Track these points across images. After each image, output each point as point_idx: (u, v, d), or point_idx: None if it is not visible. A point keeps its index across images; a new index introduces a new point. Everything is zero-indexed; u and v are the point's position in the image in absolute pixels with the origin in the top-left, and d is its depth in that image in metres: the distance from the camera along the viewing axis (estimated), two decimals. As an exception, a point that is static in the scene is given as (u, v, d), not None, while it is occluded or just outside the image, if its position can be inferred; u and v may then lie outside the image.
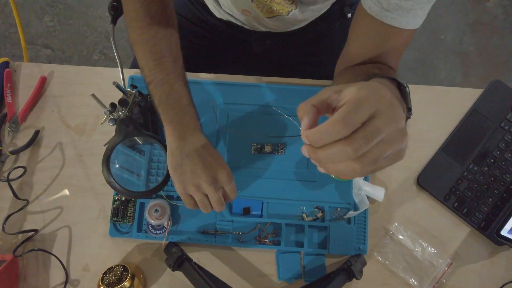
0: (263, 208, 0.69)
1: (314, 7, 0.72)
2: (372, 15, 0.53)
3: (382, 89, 0.36)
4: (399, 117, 0.35)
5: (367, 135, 0.34)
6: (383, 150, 0.35)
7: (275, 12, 0.72)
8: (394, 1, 0.50)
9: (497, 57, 1.73)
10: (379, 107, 0.34)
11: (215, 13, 0.83)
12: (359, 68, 0.59)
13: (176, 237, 0.68)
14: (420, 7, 0.51)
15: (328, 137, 0.34)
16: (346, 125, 0.34)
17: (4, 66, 0.78)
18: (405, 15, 0.51)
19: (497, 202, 0.70)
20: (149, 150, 0.71)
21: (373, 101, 0.34)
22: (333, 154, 0.35)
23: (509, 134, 0.72)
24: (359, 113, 0.34)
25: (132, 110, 0.65)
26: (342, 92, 0.37)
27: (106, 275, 0.63)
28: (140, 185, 0.69)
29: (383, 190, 0.68)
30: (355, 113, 0.34)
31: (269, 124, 0.73)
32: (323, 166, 0.38)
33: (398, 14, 0.51)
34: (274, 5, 0.69)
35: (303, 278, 0.67)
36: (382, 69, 0.57)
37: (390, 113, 0.35)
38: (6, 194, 0.71)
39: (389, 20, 0.52)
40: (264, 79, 0.76)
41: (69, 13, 1.78)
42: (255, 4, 0.70)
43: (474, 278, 0.67)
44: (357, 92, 0.35)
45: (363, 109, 0.34)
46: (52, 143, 0.75)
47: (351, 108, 0.34)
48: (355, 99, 0.35)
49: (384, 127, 0.34)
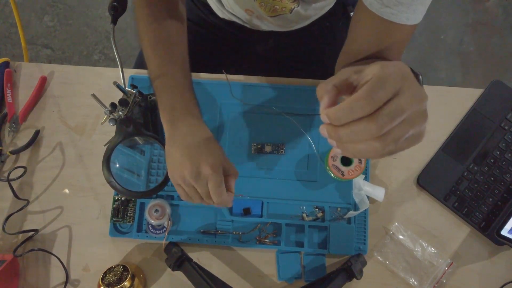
0: (263, 208, 0.69)
1: (316, 4, 0.72)
2: (373, 11, 0.53)
3: (406, 68, 0.36)
4: (422, 97, 0.35)
5: (391, 113, 0.33)
6: (405, 130, 0.35)
7: (278, 11, 0.72)
8: None
9: (497, 57, 1.73)
10: (404, 85, 0.34)
11: (218, 13, 0.83)
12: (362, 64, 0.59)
13: (176, 237, 0.68)
14: (420, 2, 0.51)
15: (352, 114, 0.34)
16: (371, 101, 0.33)
17: (4, 66, 0.78)
18: (405, 10, 0.51)
19: (497, 202, 0.70)
20: (149, 150, 0.71)
21: (398, 79, 0.34)
22: (356, 132, 0.34)
23: (509, 134, 0.72)
24: (384, 90, 0.33)
25: (132, 110, 0.65)
26: (364, 71, 0.36)
27: (106, 275, 0.63)
28: (140, 185, 0.69)
29: (383, 190, 0.68)
30: (380, 90, 0.33)
31: (269, 124, 0.73)
32: (342, 147, 0.37)
33: (398, 10, 0.51)
34: (276, 3, 0.69)
35: (303, 278, 0.67)
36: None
37: (414, 92, 0.34)
38: (6, 194, 0.71)
39: (390, 16, 0.52)
40: (265, 79, 0.76)
41: (69, 13, 1.78)
42: (257, 3, 0.70)
43: (474, 278, 0.67)
44: (381, 69, 0.34)
45: (388, 85, 0.33)
46: (52, 143, 0.75)
47: (375, 84, 0.33)
48: (380, 75, 0.34)
49: (408, 105, 0.34)
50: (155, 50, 0.60)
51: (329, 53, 0.89)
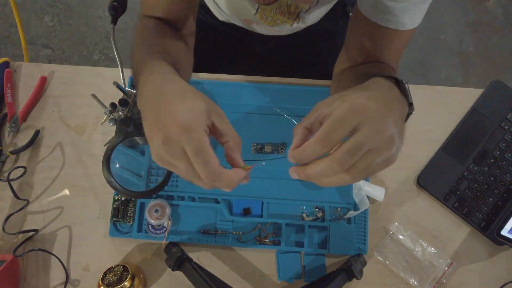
0: (263, 208, 0.69)
1: (315, 15, 0.73)
2: (368, 17, 0.53)
3: (367, 102, 0.36)
4: (384, 128, 0.36)
5: (350, 150, 0.35)
6: (372, 160, 0.36)
7: (278, 24, 0.72)
8: (388, 3, 0.49)
9: (497, 57, 1.73)
10: (361, 120, 0.35)
11: (218, 15, 0.83)
12: (359, 69, 0.59)
13: (176, 237, 0.68)
14: (417, 7, 0.50)
15: (311, 155, 0.36)
16: (325, 144, 0.35)
17: (4, 66, 0.78)
18: (401, 16, 0.51)
19: (498, 202, 0.70)
20: (149, 150, 0.71)
21: (353, 117, 0.35)
22: (322, 171, 0.37)
23: (509, 134, 0.72)
24: (338, 130, 0.35)
25: (132, 110, 0.65)
26: (331, 105, 0.38)
27: (106, 275, 0.63)
28: (140, 185, 0.69)
29: (383, 190, 0.68)
30: (335, 131, 0.35)
31: (269, 124, 0.73)
32: (316, 182, 0.39)
33: (393, 15, 0.50)
34: (278, 18, 0.70)
35: (303, 278, 0.67)
36: (381, 68, 0.57)
37: (374, 126, 0.35)
38: (6, 194, 0.71)
39: (385, 22, 0.52)
40: (265, 79, 0.76)
41: (69, 13, 1.78)
42: (259, 16, 0.71)
43: (474, 278, 0.67)
44: (337, 110, 0.36)
45: (342, 126, 0.35)
46: (52, 143, 0.75)
47: (329, 127, 0.36)
48: (334, 117, 0.36)
49: (367, 140, 0.35)
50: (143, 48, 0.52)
51: (329, 53, 0.89)
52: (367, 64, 0.58)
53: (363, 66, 0.59)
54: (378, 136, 0.35)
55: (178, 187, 0.70)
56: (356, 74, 0.57)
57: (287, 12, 0.69)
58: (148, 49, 0.51)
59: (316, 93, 0.74)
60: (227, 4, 0.76)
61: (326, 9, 0.75)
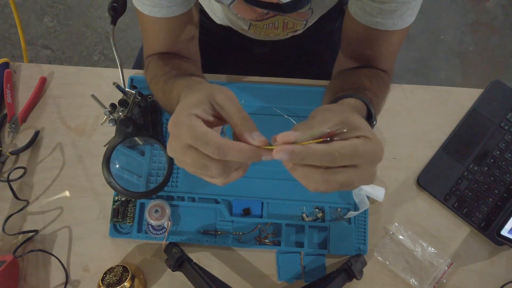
0: (263, 208, 0.69)
1: (310, 23, 0.73)
2: (358, 20, 0.52)
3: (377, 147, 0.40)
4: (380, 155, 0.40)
5: (343, 184, 0.38)
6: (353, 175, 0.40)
7: (272, 37, 0.74)
8: (376, 5, 0.49)
9: (497, 57, 1.73)
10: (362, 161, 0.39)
11: (215, 19, 0.83)
12: (351, 76, 0.59)
13: (176, 238, 0.68)
14: (407, 7, 0.49)
15: (311, 161, 0.39)
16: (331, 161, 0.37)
17: (4, 66, 0.78)
18: (390, 17, 0.50)
19: (497, 202, 0.70)
20: (149, 150, 0.71)
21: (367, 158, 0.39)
22: (307, 175, 0.40)
23: (509, 134, 0.72)
24: (346, 160, 0.38)
25: (132, 111, 0.65)
26: (330, 110, 0.41)
27: (106, 275, 0.63)
28: (140, 186, 0.69)
29: (383, 190, 0.68)
30: (344, 159, 0.37)
31: (269, 124, 0.73)
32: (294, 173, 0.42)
33: (382, 17, 0.50)
34: (270, 32, 0.71)
35: (303, 278, 0.67)
36: (372, 79, 0.57)
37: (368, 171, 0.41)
38: (6, 195, 0.71)
39: (375, 24, 0.51)
40: (265, 79, 0.76)
41: (69, 14, 1.78)
42: (252, 31, 0.72)
43: (474, 278, 0.67)
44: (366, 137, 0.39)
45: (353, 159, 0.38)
46: (52, 144, 0.75)
47: (346, 153, 0.37)
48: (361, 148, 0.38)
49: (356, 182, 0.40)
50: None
51: (327, 53, 0.90)
52: (361, 70, 0.59)
53: (357, 72, 0.59)
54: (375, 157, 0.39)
55: (178, 188, 0.70)
56: (348, 84, 0.57)
57: (282, 27, 0.70)
58: (166, 77, 0.54)
59: (316, 93, 0.74)
60: (221, 16, 0.77)
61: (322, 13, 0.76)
